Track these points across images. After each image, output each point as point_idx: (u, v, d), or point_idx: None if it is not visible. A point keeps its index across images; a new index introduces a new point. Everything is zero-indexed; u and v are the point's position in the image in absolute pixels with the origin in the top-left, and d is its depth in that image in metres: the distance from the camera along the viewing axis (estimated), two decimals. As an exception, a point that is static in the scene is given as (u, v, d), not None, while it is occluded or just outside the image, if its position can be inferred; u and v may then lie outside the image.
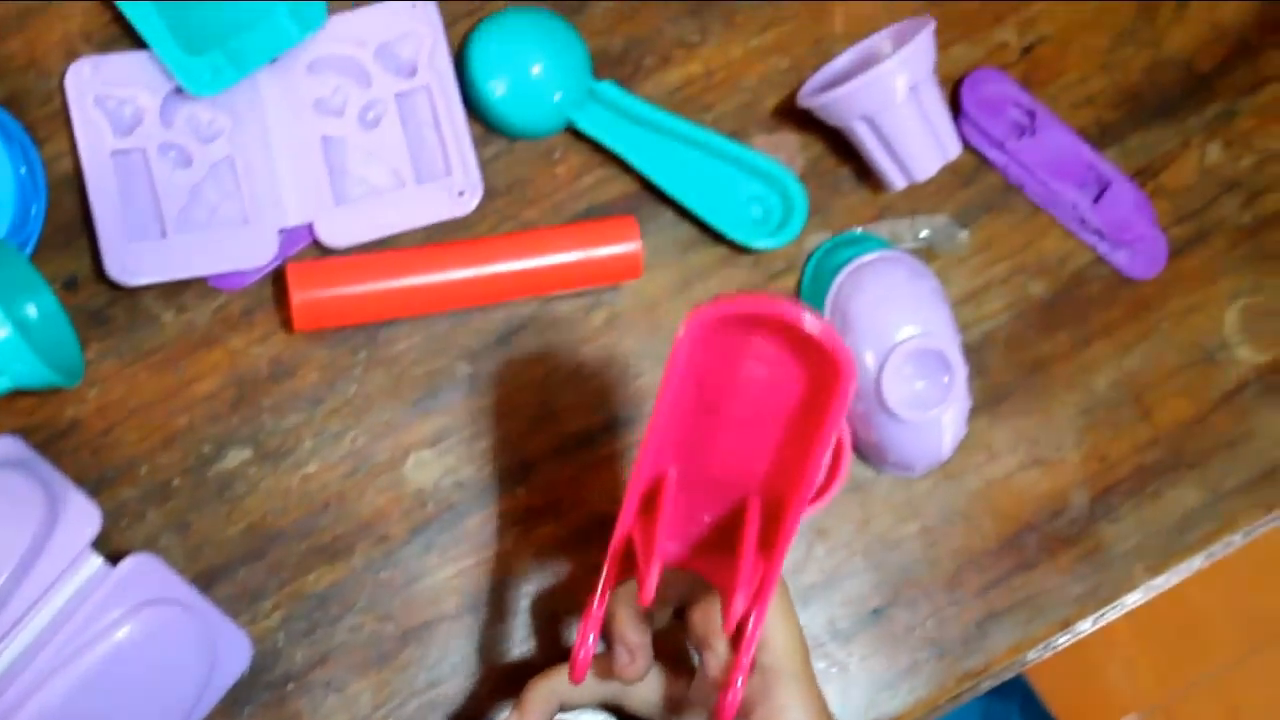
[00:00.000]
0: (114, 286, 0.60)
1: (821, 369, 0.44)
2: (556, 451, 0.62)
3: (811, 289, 0.64)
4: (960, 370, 0.61)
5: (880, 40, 0.64)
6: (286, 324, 0.61)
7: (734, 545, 0.48)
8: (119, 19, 0.61)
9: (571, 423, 0.62)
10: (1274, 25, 0.69)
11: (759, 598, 0.47)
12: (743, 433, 0.48)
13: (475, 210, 0.62)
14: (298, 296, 0.59)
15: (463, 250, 0.61)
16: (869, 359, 0.61)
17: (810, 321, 0.43)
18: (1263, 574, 1.30)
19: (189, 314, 0.61)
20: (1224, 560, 0.67)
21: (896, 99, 0.61)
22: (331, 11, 0.63)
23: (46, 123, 0.60)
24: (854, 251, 0.63)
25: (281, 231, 0.61)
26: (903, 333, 0.61)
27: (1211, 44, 0.68)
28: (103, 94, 0.61)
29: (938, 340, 0.60)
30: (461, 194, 0.62)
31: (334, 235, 0.61)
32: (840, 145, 0.64)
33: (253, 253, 0.61)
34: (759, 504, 0.49)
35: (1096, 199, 0.66)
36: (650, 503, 0.49)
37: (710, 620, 0.49)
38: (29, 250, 0.59)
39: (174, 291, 0.61)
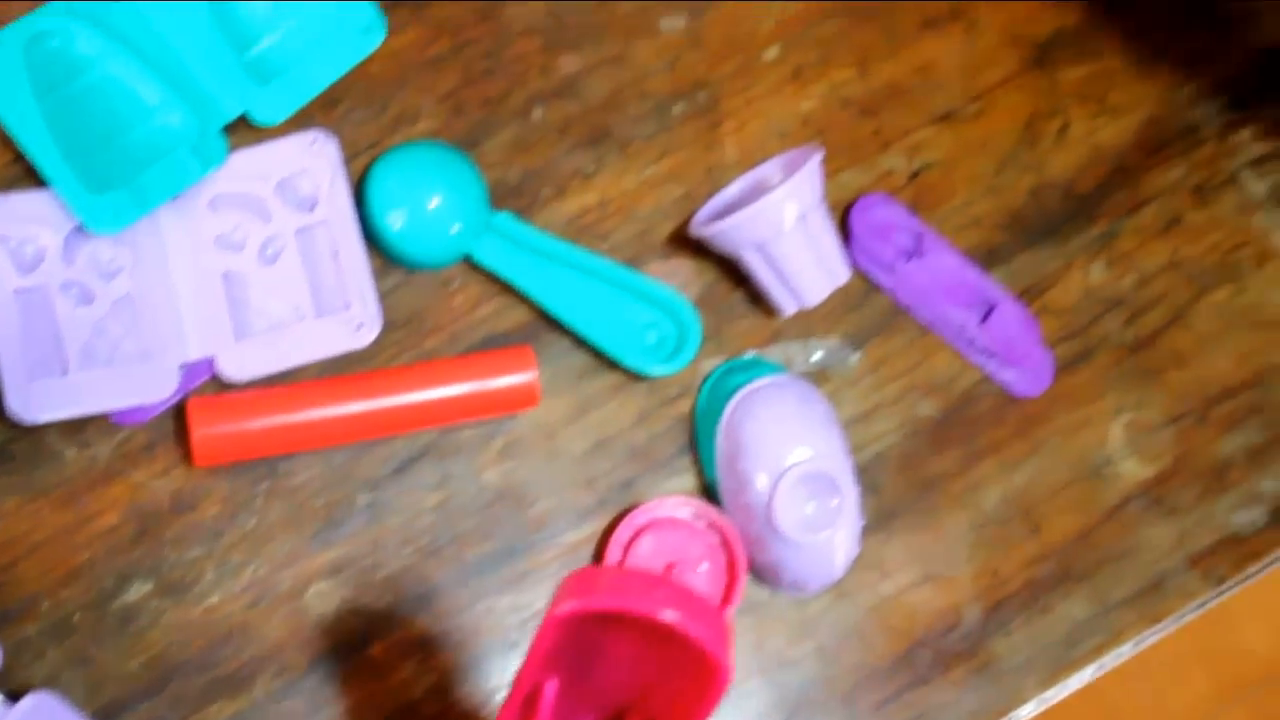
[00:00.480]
0: (15, 424, 0.65)
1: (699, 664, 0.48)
2: (456, 578, 0.68)
3: (706, 413, 0.70)
4: (851, 492, 0.68)
5: (770, 169, 0.71)
6: (188, 458, 0.67)
7: None
8: (20, 158, 0.67)
9: (470, 550, 0.68)
10: (1152, 148, 0.76)
11: None
12: (626, 665, 0.52)
13: (375, 342, 0.68)
14: (198, 432, 0.65)
15: (361, 383, 0.67)
16: (761, 482, 0.67)
17: (696, 629, 0.46)
18: (1182, 668, 1.38)
19: (91, 449, 0.66)
20: (1142, 655, 0.74)
21: (785, 228, 0.67)
22: (232, 148, 0.69)
23: (-52, 264, 0.66)
24: (747, 376, 0.70)
25: (183, 366, 0.67)
26: (794, 456, 0.67)
27: (1092, 166, 0.76)
28: (4, 233, 0.66)
29: (828, 463, 0.67)
30: (360, 327, 0.68)
31: (235, 369, 0.67)
32: (733, 271, 0.71)
33: (154, 388, 0.67)
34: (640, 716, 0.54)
35: (984, 319, 0.73)
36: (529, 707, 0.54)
37: None
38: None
39: (76, 427, 0.66)
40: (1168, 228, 0.75)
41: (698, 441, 0.69)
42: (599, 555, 0.67)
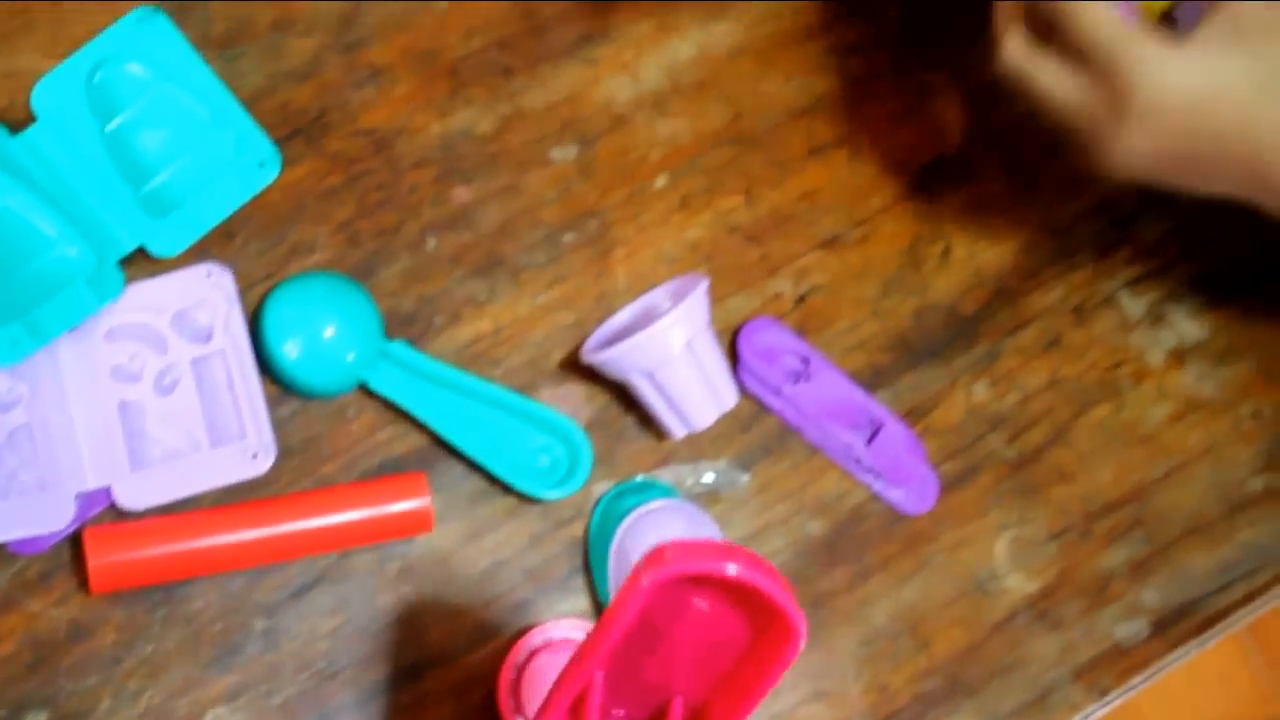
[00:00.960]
0: (-88, 556, 0.71)
1: (770, 622, 0.54)
2: (354, 702, 0.74)
3: (598, 536, 0.77)
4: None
5: (659, 295, 0.79)
6: (84, 585, 0.73)
7: None
8: (-81, 293, 0.74)
9: (367, 674, 0.75)
10: (1032, 270, 0.85)
11: None
12: (681, 650, 0.57)
13: (271, 469, 0.74)
14: (94, 561, 0.71)
15: (256, 510, 0.74)
16: (652, 604, 0.74)
17: (773, 589, 0.52)
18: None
19: (-14, 580, 0.72)
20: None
21: (672, 355, 0.75)
22: (129, 280, 0.75)
23: None
24: (637, 500, 0.77)
25: (80, 496, 0.73)
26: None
27: (975, 289, 0.84)
28: (-98, 368, 0.73)
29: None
30: (255, 456, 0.74)
31: (131, 498, 0.73)
32: (624, 395, 0.78)
33: (51, 518, 0.73)
34: (682, 705, 0.58)
35: (870, 440, 0.81)
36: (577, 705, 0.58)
37: None
38: None
39: (-28, 558, 0.72)
40: (1048, 347, 0.83)
41: (591, 564, 0.76)
42: (495, 677, 0.74)
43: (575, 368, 0.76)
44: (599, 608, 0.74)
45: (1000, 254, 0.82)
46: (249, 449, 0.72)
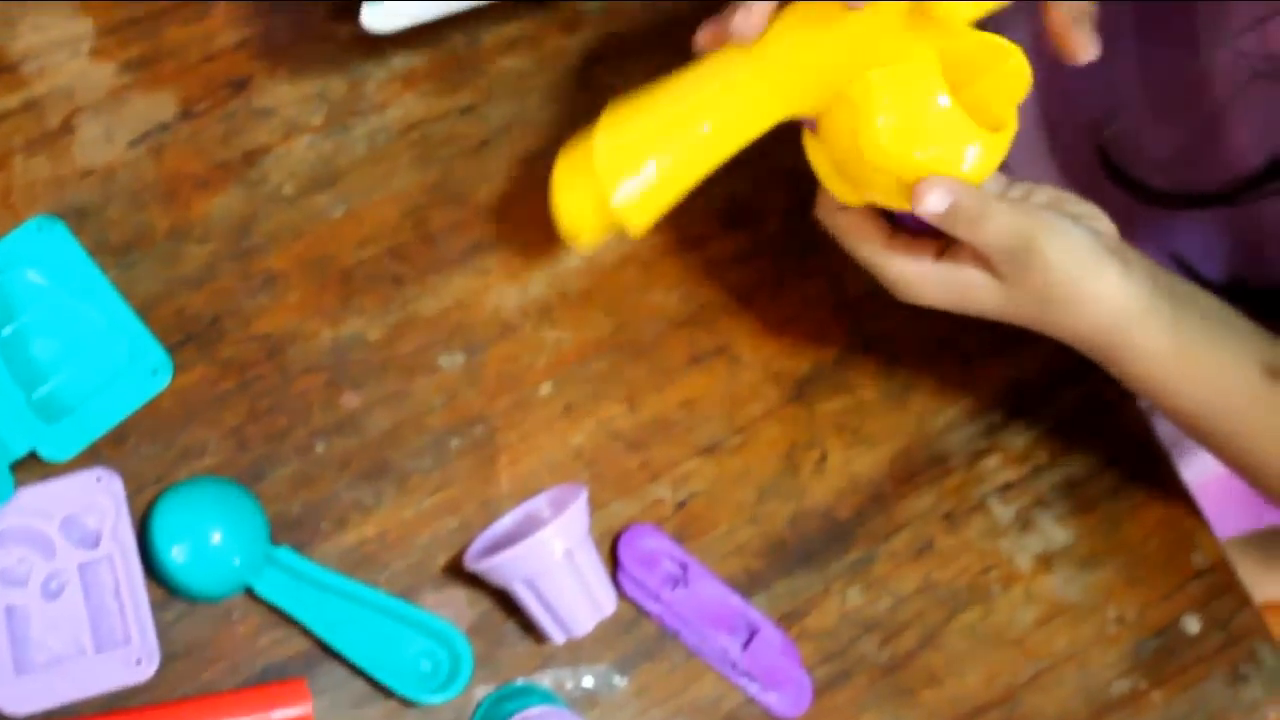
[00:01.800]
0: None
1: None
2: None
3: (477, 744, 0.80)
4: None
5: (540, 503, 0.83)
6: (-37, 793, 0.75)
7: None
8: None
9: None
10: (905, 477, 0.90)
11: None
12: None
13: (156, 673, 0.77)
14: (-27, 768, 0.74)
15: (135, 718, 0.77)
16: (529, 810, 0.77)
17: None
18: None
19: None
20: None
21: (552, 564, 0.78)
22: (19, 484, 0.78)
23: None
24: (516, 705, 0.80)
25: (-39, 701, 0.76)
26: (561, 783, 0.78)
27: (849, 495, 0.88)
28: None
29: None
30: (139, 662, 0.77)
31: (14, 704, 0.76)
32: (506, 600, 0.82)
33: (-68, 723, 0.75)
34: None
35: (746, 644, 0.85)
36: None
37: None
38: None
39: None
40: (920, 553, 0.88)
41: (470, 768, 0.79)
42: None
43: (459, 572, 0.80)
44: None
45: (875, 460, 0.87)
46: (133, 655, 0.75)
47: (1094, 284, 0.73)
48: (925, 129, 0.70)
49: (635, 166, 0.73)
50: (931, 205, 0.70)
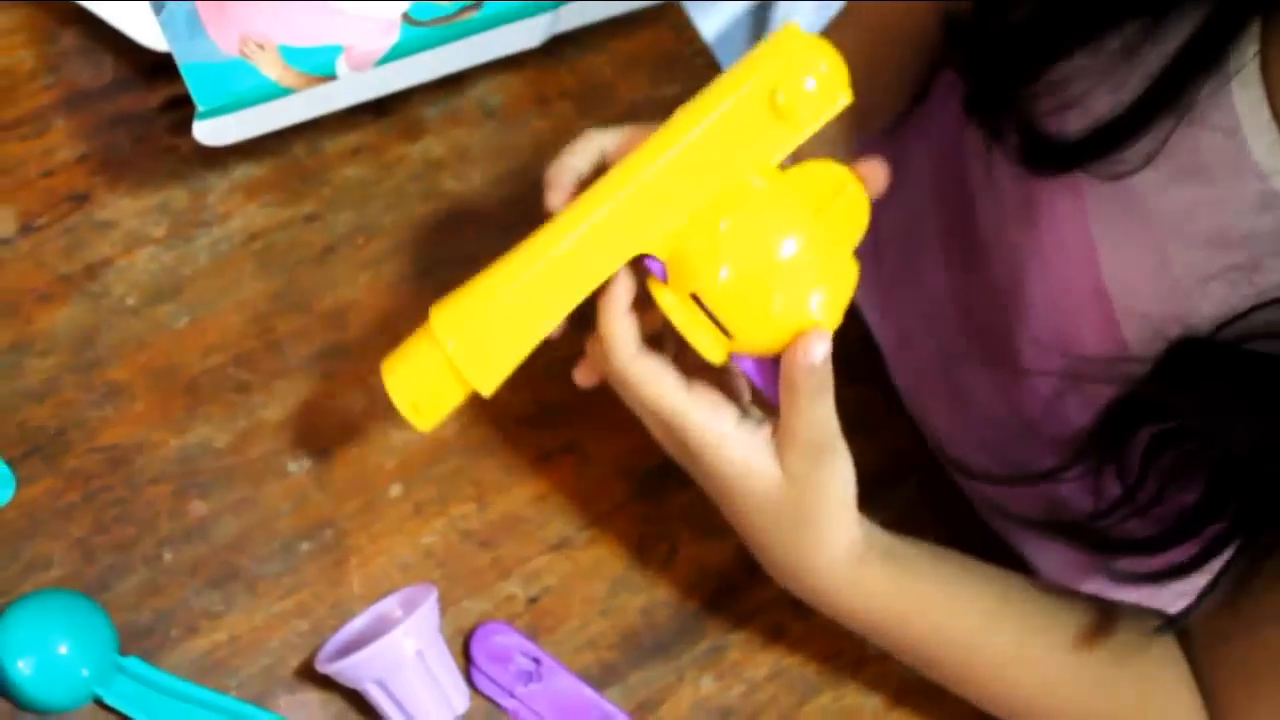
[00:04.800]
0: None
1: None
2: None
3: (334, 842, 0.85)
4: None
5: (391, 603, 0.89)
6: None
7: None
8: None
9: None
10: (753, 566, 0.97)
11: None
12: None
13: (3, 787, 0.82)
14: None
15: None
16: None
17: None
18: None
19: None
20: None
21: (403, 663, 0.84)
22: None
23: None
24: (372, 804, 0.85)
25: None
26: None
27: (699, 585, 0.95)
28: None
29: None
30: (-12, 775, 0.82)
31: None
32: (360, 701, 0.87)
33: None
34: None
35: (601, 736, 0.90)
36: None
37: None
38: None
39: None
40: (772, 639, 0.94)
41: None
42: None
43: (312, 675, 0.85)
44: None
45: (723, 551, 0.94)
46: (-20, 769, 0.79)
47: (845, 520, 0.81)
48: (767, 279, 0.74)
49: (486, 342, 0.77)
50: (816, 356, 0.75)
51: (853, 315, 0.93)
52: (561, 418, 0.91)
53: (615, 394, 0.84)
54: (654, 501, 0.91)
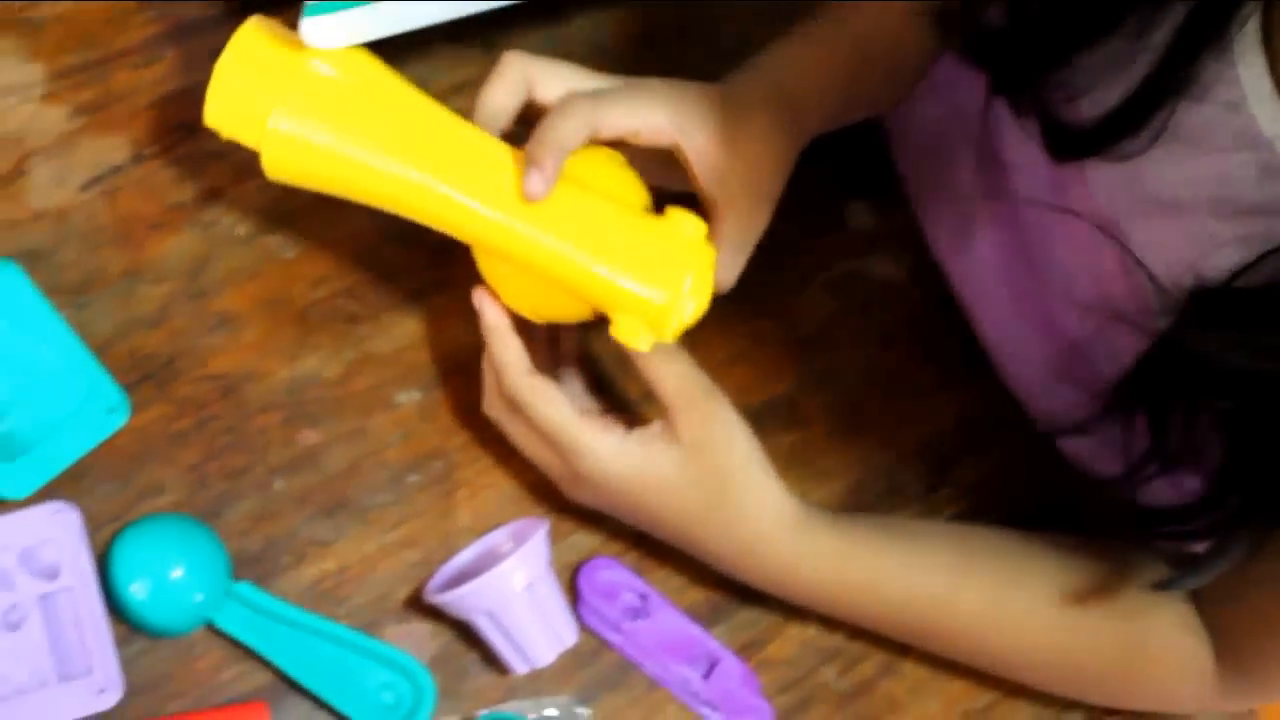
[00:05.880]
0: None
1: None
2: None
3: (442, 771, 0.87)
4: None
5: (500, 536, 0.90)
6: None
7: None
8: None
9: None
10: (858, 509, 0.98)
11: None
12: None
13: (119, 705, 0.83)
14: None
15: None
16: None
17: None
18: None
19: None
20: None
21: (513, 596, 0.86)
22: (-24, 520, 0.85)
23: None
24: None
25: (-78, 736, 0.82)
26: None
27: (805, 526, 0.97)
28: None
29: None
30: (103, 691, 0.83)
31: (-24, 738, 0.82)
32: (468, 632, 0.89)
33: (-107, 759, 0.81)
34: None
35: (707, 674, 0.92)
36: None
37: None
38: None
39: None
40: (877, 582, 0.96)
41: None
42: None
43: (419, 605, 0.87)
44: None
45: (829, 493, 0.95)
46: (96, 685, 0.82)
47: (764, 482, 0.85)
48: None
49: (317, 120, 0.78)
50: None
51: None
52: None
53: (717, 332, 0.88)
54: (762, 440, 0.92)
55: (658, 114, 0.82)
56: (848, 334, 0.97)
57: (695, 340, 0.88)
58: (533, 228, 0.79)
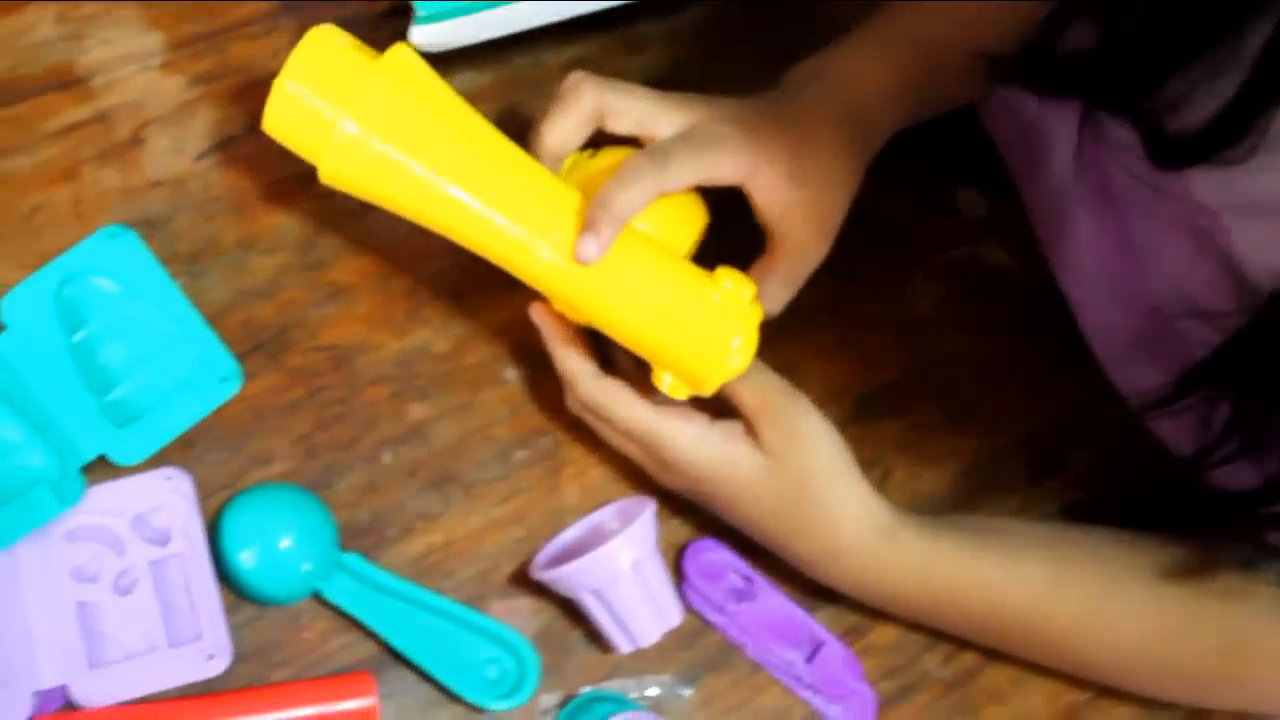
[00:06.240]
0: None
1: None
2: None
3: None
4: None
5: (607, 514, 0.91)
6: (35, 786, 0.82)
7: None
8: (-118, 492, 0.84)
9: None
10: (967, 495, 0.97)
11: None
12: None
13: (226, 672, 0.84)
14: (46, 757, 0.81)
15: (203, 704, 0.83)
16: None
17: None
18: None
19: (-61, 779, 0.82)
20: None
21: (620, 575, 0.86)
22: (91, 483, 0.86)
23: None
24: (597, 713, 0.87)
25: (36, 693, 0.83)
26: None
27: (912, 511, 0.96)
28: None
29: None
30: (211, 657, 0.84)
31: (88, 696, 0.83)
32: (572, 609, 0.89)
33: (7, 715, 0.82)
34: None
35: (810, 658, 0.92)
36: None
37: None
38: None
39: (-75, 757, 0.82)
40: (983, 572, 0.96)
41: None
42: None
43: (525, 581, 0.87)
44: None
45: (938, 479, 0.95)
46: (205, 650, 0.83)
47: (848, 488, 0.84)
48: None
49: (382, 134, 0.78)
50: None
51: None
52: (780, 337, 0.93)
53: (829, 316, 0.89)
54: (869, 425, 0.93)
55: (724, 164, 0.82)
56: (958, 321, 0.96)
57: (804, 323, 0.89)
58: (583, 279, 0.80)
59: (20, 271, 0.85)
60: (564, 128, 0.83)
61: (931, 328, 0.95)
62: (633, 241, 0.80)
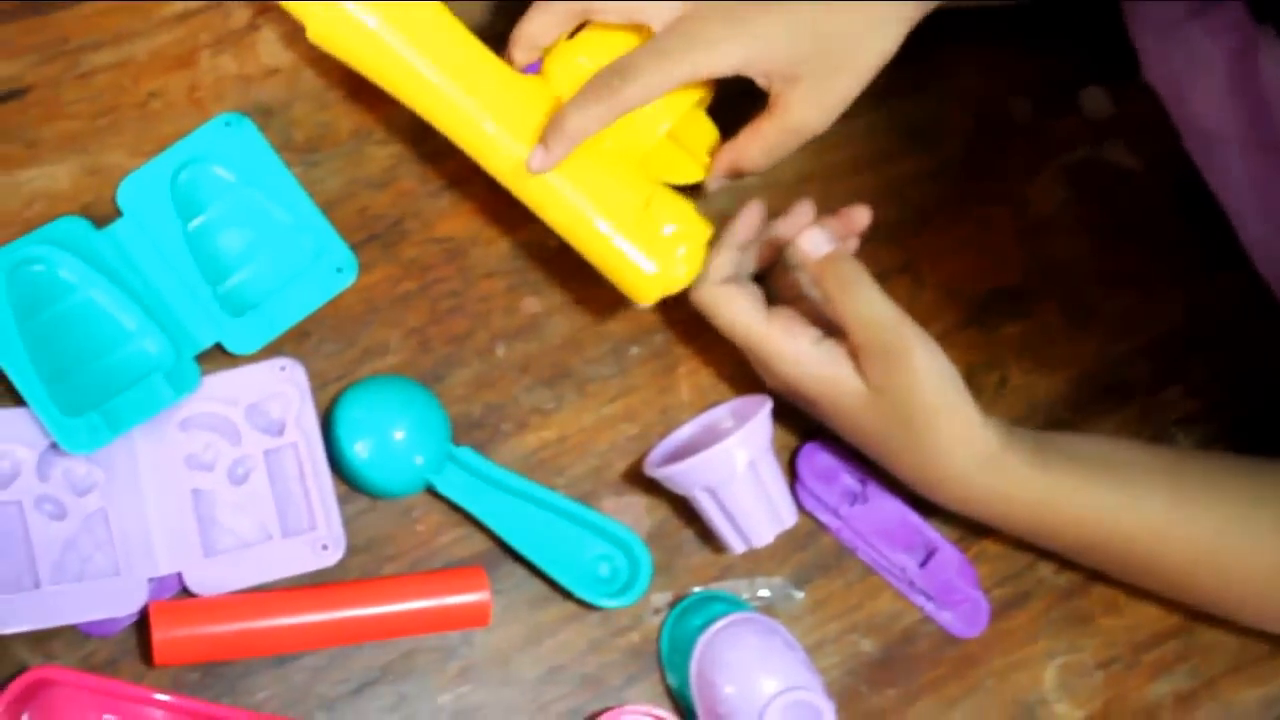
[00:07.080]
0: (-15, 634, 0.81)
1: None
2: (408, 800, 0.84)
3: (671, 660, 0.87)
4: (829, 713, 0.85)
5: (721, 413, 0.90)
6: (149, 662, 0.83)
7: None
8: None
9: (424, 772, 0.85)
10: (1086, 402, 0.96)
11: None
12: None
13: (338, 564, 0.85)
14: (159, 634, 0.81)
15: (318, 595, 0.84)
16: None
17: None
18: None
19: (57, 660, 0.83)
20: None
21: (735, 474, 0.85)
22: (205, 372, 0.87)
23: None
24: (701, 619, 0.87)
25: (152, 580, 0.84)
26: (767, 689, 0.84)
27: (1029, 418, 0.93)
28: (-18, 449, 0.84)
29: (802, 693, 0.84)
30: (325, 548, 0.85)
31: (203, 584, 0.84)
32: (684, 508, 0.89)
33: (122, 601, 0.83)
34: None
35: (923, 563, 0.92)
36: None
37: None
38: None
39: (44, 638, 0.82)
40: (1100, 479, 0.94)
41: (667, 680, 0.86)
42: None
43: (637, 479, 0.87)
44: (675, 705, 0.85)
45: (1055, 385, 0.94)
46: (319, 540, 0.83)
47: (954, 418, 0.81)
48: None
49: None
50: (813, 246, 0.83)
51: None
52: (894, 237, 0.92)
53: (949, 218, 0.89)
54: (986, 329, 0.92)
55: (704, 67, 0.81)
56: (1079, 223, 0.95)
57: (922, 224, 0.89)
58: (531, 183, 0.82)
59: (137, 158, 0.85)
60: (542, 21, 0.83)
61: (1053, 230, 0.94)
62: (586, 156, 0.81)
